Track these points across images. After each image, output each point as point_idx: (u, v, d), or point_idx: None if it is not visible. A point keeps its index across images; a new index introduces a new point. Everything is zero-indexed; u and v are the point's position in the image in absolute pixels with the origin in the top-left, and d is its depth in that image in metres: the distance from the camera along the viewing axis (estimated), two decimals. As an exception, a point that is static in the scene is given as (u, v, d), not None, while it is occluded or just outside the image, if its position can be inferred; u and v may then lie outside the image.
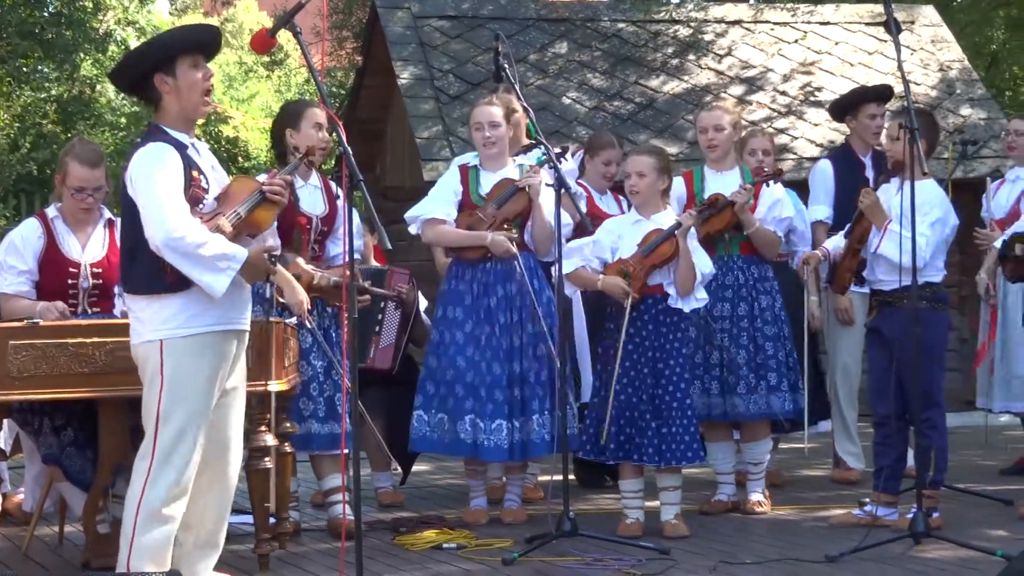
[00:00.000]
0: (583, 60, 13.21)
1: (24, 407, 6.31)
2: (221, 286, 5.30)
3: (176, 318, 5.35)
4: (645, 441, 6.86)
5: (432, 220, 7.31)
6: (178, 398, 5.33)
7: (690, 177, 7.73)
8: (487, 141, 7.30)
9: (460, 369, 7.19)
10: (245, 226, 5.52)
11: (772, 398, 7.49)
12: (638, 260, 6.92)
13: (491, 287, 7.23)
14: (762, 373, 7.48)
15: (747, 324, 7.51)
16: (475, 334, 7.21)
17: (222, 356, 5.45)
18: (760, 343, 7.51)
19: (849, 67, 13.60)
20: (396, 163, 13.88)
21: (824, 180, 8.65)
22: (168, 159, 5.37)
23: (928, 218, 6.98)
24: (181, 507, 5.44)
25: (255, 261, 5.41)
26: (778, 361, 7.51)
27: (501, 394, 7.12)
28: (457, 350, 7.22)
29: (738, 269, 7.53)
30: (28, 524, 6.94)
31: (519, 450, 7.18)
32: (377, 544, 6.79)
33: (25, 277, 6.65)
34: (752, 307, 7.52)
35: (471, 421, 7.13)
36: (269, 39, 5.71)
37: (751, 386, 7.45)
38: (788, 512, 7.68)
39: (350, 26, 21.13)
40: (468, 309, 7.25)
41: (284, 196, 5.63)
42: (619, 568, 6.24)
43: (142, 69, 5.52)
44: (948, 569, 6.19)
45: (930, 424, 6.98)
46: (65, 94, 22.27)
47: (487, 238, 7.17)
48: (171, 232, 5.24)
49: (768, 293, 7.57)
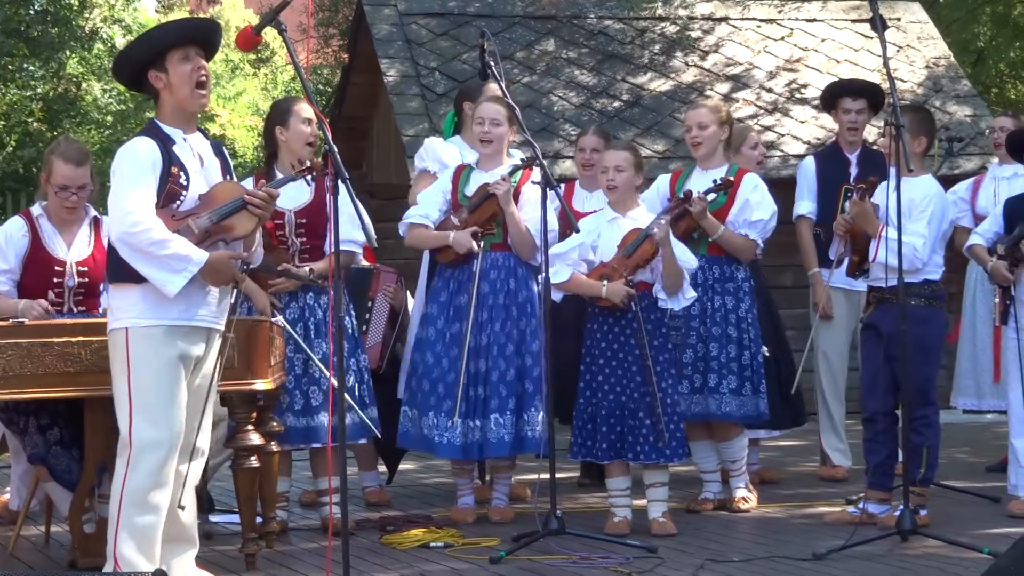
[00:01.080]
0: (570, 57, 13.20)
1: (9, 406, 6.29)
2: (174, 287, 5.34)
3: (138, 306, 5.42)
4: (640, 439, 6.86)
5: (412, 224, 7.35)
6: (145, 383, 5.37)
7: (676, 176, 7.72)
8: (484, 136, 7.28)
9: (428, 365, 7.22)
10: (218, 230, 5.52)
11: (710, 400, 7.47)
12: (621, 261, 6.91)
13: (464, 284, 7.23)
14: (703, 374, 7.45)
15: (697, 324, 7.49)
16: (444, 331, 7.23)
17: (187, 350, 5.46)
18: (708, 344, 7.49)
19: (835, 64, 13.60)
20: (382, 161, 13.87)
21: (807, 176, 8.71)
22: (142, 154, 5.43)
23: (924, 215, 6.99)
24: (165, 496, 5.44)
25: (218, 266, 5.43)
26: (719, 363, 7.48)
27: (459, 391, 7.10)
28: (428, 346, 7.25)
29: (698, 268, 7.40)
30: (14, 524, 6.91)
31: (475, 449, 7.17)
32: (364, 543, 6.78)
33: (6, 276, 6.64)
34: (705, 307, 7.49)
35: (432, 417, 7.15)
36: (254, 36, 5.70)
37: (693, 386, 7.44)
38: (775, 510, 7.68)
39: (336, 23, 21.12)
40: (442, 306, 7.28)
41: (265, 208, 5.58)
42: (606, 566, 6.24)
43: (135, 66, 5.58)
44: (935, 566, 6.19)
45: (924, 422, 6.99)
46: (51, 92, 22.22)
47: (450, 237, 7.18)
48: (127, 227, 5.34)
49: (731, 294, 7.51)
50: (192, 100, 5.55)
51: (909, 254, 6.92)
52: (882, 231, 6.90)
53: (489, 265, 7.23)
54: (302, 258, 7.01)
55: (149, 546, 5.43)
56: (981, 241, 7.67)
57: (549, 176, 6.74)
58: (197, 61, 5.53)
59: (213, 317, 5.56)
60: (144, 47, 5.59)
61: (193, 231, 5.44)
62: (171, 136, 5.53)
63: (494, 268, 7.23)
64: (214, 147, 5.76)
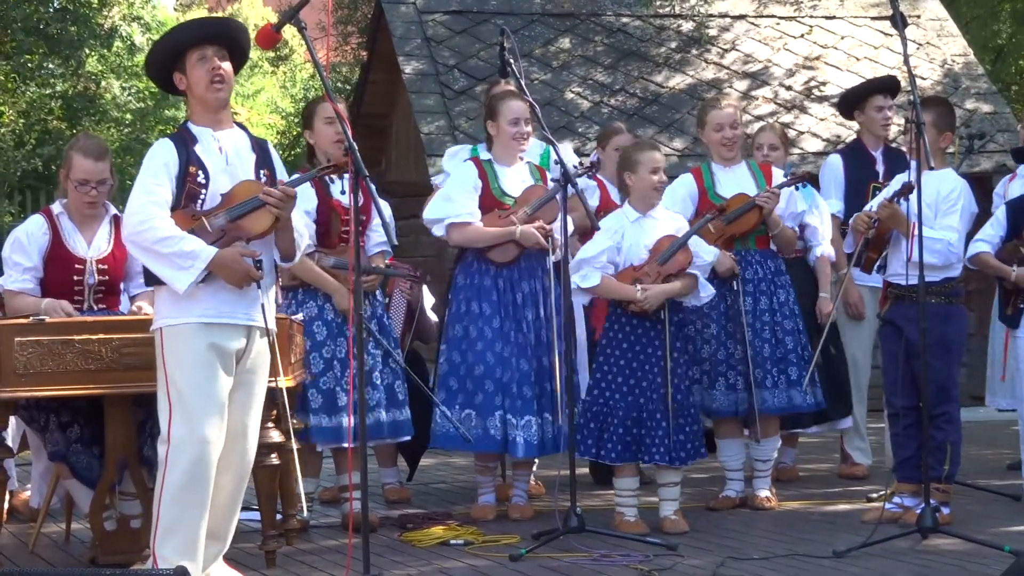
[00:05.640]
0: (587, 55, 13.20)
1: (30, 404, 6.30)
2: (182, 283, 5.38)
3: (169, 308, 5.49)
4: (656, 441, 6.84)
5: (458, 224, 7.27)
6: (180, 380, 5.41)
7: (699, 174, 7.72)
8: (521, 136, 7.29)
9: (489, 365, 7.17)
10: (234, 229, 5.53)
11: (793, 392, 7.49)
12: (654, 268, 6.89)
13: (517, 283, 7.22)
14: (783, 367, 7.48)
15: (768, 318, 7.50)
16: (503, 330, 7.19)
17: (222, 347, 5.47)
18: (780, 337, 7.51)
19: (855, 61, 13.58)
20: (401, 158, 13.88)
21: (834, 175, 8.64)
22: (159, 156, 5.51)
23: (955, 210, 6.96)
24: (205, 493, 5.44)
25: (227, 262, 5.44)
26: (797, 355, 7.50)
27: (529, 390, 7.12)
28: (486, 345, 7.20)
29: (756, 263, 7.53)
30: (35, 521, 6.93)
31: (551, 445, 7.18)
32: (384, 540, 6.78)
33: (30, 275, 6.65)
34: (772, 301, 7.52)
35: (501, 417, 7.13)
36: (274, 34, 5.72)
37: (775, 380, 7.46)
38: (795, 507, 7.67)
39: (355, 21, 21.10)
40: (495, 304, 7.23)
41: (283, 206, 5.58)
42: (627, 564, 6.23)
43: (159, 70, 5.68)
44: (955, 564, 6.17)
45: (946, 418, 6.96)
46: (70, 90, 22.24)
47: (516, 232, 7.16)
48: (132, 227, 5.43)
49: (784, 287, 7.59)
50: (208, 97, 5.59)
51: (944, 250, 6.89)
52: (914, 229, 6.70)
53: (535, 263, 7.22)
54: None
55: (190, 544, 5.42)
56: (988, 248, 7.47)
57: (569, 173, 6.71)
58: (212, 60, 5.55)
59: (247, 315, 5.55)
60: (162, 50, 5.68)
61: (208, 230, 5.46)
62: (196, 136, 5.59)
63: (540, 266, 7.22)
64: (253, 142, 5.77)
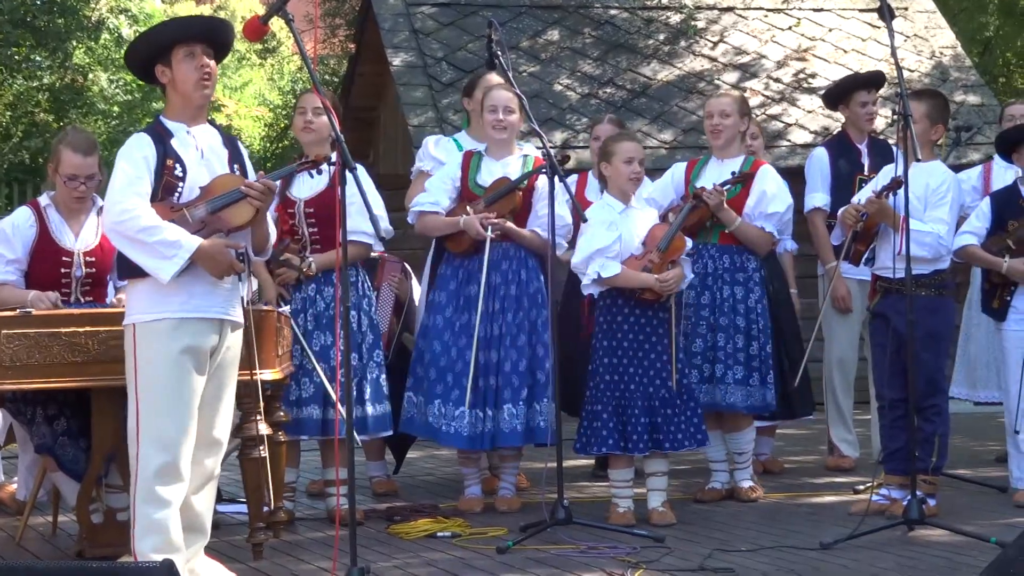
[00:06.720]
0: (576, 47, 13.19)
1: (17, 396, 6.30)
2: (167, 273, 5.36)
3: (143, 302, 5.46)
4: (673, 428, 6.89)
5: (422, 212, 7.35)
6: (151, 379, 5.39)
7: (692, 165, 7.71)
8: (499, 124, 7.28)
9: (435, 353, 7.22)
10: (215, 221, 5.52)
11: (716, 390, 7.46)
12: (657, 255, 6.92)
13: (474, 274, 7.23)
14: (712, 363, 7.46)
15: (707, 314, 7.47)
16: (452, 320, 7.23)
17: (196, 346, 5.44)
18: (716, 333, 7.47)
19: (843, 54, 13.58)
20: (389, 150, 13.87)
21: (820, 167, 8.62)
22: (133, 149, 5.50)
23: (944, 202, 6.97)
24: (177, 490, 5.44)
25: (212, 252, 5.43)
26: (727, 353, 7.46)
27: (468, 382, 7.10)
28: (436, 334, 7.25)
29: (709, 258, 7.47)
30: (22, 514, 6.93)
31: (487, 439, 7.16)
32: (371, 533, 6.79)
33: (13, 267, 6.64)
34: (714, 296, 7.48)
35: (438, 406, 7.15)
36: (261, 27, 5.70)
37: (701, 375, 7.44)
38: (782, 499, 7.68)
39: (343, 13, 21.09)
40: (451, 295, 7.27)
41: (263, 199, 5.59)
42: (614, 556, 6.23)
43: (142, 60, 5.65)
44: (942, 556, 6.19)
45: (935, 411, 6.98)
46: (57, 82, 22.18)
47: (461, 221, 7.17)
48: (116, 216, 5.40)
49: (741, 284, 7.49)
50: (194, 95, 5.58)
51: (934, 242, 6.90)
52: (903, 223, 6.68)
53: (500, 255, 7.22)
54: (313, 248, 7.02)
55: (165, 539, 5.42)
56: (974, 240, 7.39)
57: (556, 166, 6.72)
58: (201, 59, 5.54)
59: (222, 308, 5.54)
60: (149, 42, 5.65)
61: (189, 221, 5.46)
62: (171, 130, 5.57)
63: (505, 258, 7.23)
64: (224, 138, 5.76)
